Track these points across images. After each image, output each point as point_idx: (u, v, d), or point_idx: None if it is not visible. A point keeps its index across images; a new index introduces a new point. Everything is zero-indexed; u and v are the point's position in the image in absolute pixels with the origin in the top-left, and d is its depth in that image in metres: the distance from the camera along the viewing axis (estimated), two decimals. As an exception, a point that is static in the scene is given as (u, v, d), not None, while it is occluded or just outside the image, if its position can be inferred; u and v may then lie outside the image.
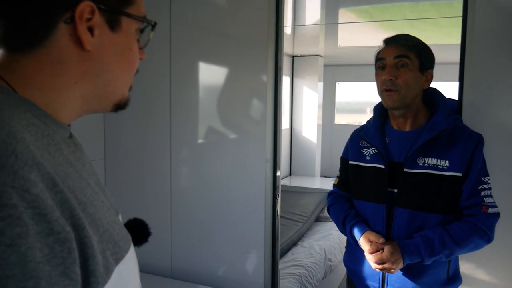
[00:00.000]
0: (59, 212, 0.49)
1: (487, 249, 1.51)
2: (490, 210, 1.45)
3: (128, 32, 0.66)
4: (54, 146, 0.57)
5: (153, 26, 0.71)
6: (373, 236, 1.51)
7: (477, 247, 1.47)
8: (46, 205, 0.47)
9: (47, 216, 0.47)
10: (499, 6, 1.74)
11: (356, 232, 1.58)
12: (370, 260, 1.49)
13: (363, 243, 1.53)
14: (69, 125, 0.66)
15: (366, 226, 1.57)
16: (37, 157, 0.50)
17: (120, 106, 0.70)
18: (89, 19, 0.60)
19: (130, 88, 0.72)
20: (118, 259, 0.60)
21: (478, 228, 1.43)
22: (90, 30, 0.61)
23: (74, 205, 0.52)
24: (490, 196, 1.46)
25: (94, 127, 2.54)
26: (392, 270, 1.46)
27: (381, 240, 1.49)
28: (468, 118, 1.75)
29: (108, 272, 0.57)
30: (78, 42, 0.60)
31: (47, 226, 0.47)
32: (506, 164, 1.74)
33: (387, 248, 1.45)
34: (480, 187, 1.45)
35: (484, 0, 1.74)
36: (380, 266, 1.46)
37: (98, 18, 0.61)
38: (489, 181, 1.47)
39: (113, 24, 0.64)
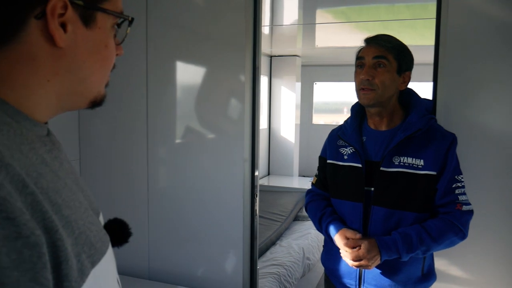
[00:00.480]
0: (29, 215, 0.48)
1: (460, 245, 1.55)
2: (464, 208, 1.49)
3: (104, 28, 0.64)
4: (27, 145, 0.55)
5: (130, 21, 0.69)
6: (349, 233, 1.53)
7: (452, 243, 1.50)
8: (14, 208, 0.45)
9: (15, 219, 0.45)
10: (472, 8, 1.78)
11: (331, 229, 1.60)
12: (346, 257, 1.50)
13: (339, 239, 1.55)
14: (46, 123, 0.64)
15: (342, 224, 1.59)
16: (6, 157, 0.49)
17: (96, 103, 0.68)
18: (61, 15, 0.58)
19: (107, 85, 0.70)
20: (94, 262, 0.58)
21: (453, 225, 1.47)
22: (63, 26, 0.59)
23: (46, 207, 0.50)
24: (464, 194, 1.50)
25: (68, 127, 2.49)
26: (369, 267, 1.47)
27: (358, 236, 1.51)
28: (442, 118, 1.79)
29: (83, 276, 0.55)
30: (50, 38, 0.58)
31: (14, 230, 0.45)
32: (478, 163, 1.78)
33: (364, 245, 1.46)
34: (454, 186, 1.49)
35: (457, 2, 1.78)
36: (356, 263, 1.47)
37: (71, 14, 0.59)
38: (462, 180, 1.51)
39: (87, 20, 0.61)
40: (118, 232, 0.78)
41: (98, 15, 0.63)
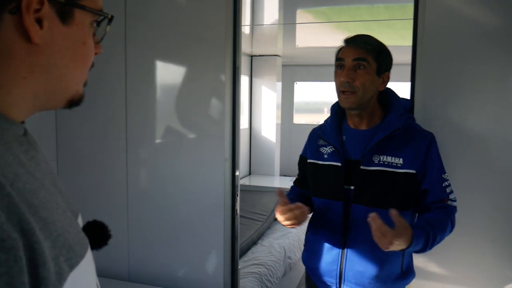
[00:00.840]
0: (5, 217, 0.46)
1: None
2: (452, 203, 1.53)
3: (82, 25, 0.63)
4: (3, 146, 0.54)
5: (110, 19, 0.67)
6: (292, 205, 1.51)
7: (447, 236, 1.52)
8: None
9: None
10: (449, 8, 1.82)
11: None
12: (281, 219, 1.49)
13: (278, 207, 1.52)
14: (23, 122, 0.62)
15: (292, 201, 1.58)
16: None
17: (74, 102, 0.66)
18: (37, 10, 0.56)
19: (85, 84, 0.68)
20: (72, 265, 0.57)
21: (449, 219, 1.50)
22: (39, 22, 0.57)
23: (23, 209, 0.49)
24: (452, 192, 1.55)
25: (45, 127, 2.44)
26: (385, 247, 1.34)
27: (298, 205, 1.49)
28: (419, 117, 1.81)
29: (61, 280, 0.54)
30: (25, 34, 0.56)
31: None
32: (456, 161, 1.82)
33: (400, 229, 1.33)
34: (443, 184, 1.53)
35: (435, 3, 1.82)
36: (378, 237, 1.32)
37: (47, 9, 0.57)
38: (448, 178, 1.55)
39: (64, 16, 0.60)
40: (97, 234, 0.77)
41: (76, 12, 0.61)
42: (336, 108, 1.69)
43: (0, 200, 0.47)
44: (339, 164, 1.57)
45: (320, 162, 1.64)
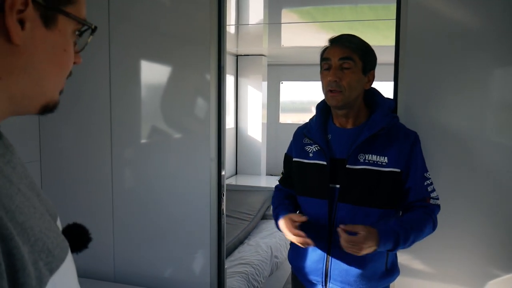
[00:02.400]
0: None
1: (422, 240, 1.60)
2: (434, 202, 1.56)
3: (64, 32, 0.62)
4: None
5: (93, 30, 0.67)
6: (296, 217, 1.55)
7: (426, 235, 1.54)
8: None
9: None
10: (431, 9, 1.84)
11: (280, 217, 1.62)
12: (291, 238, 1.53)
13: (283, 223, 1.56)
14: None
15: (289, 212, 1.61)
16: None
17: (48, 108, 0.65)
18: (20, 11, 0.55)
19: (61, 92, 0.67)
20: (52, 269, 0.56)
21: (430, 218, 1.53)
22: (21, 23, 0.56)
23: (0, 215, 0.48)
24: (434, 190, 1.57)
25: (28, 126, 2.41)
26: (358, 253, 1.42)
27: (303, 218, 1.53)
28: (402, 117, 1.84)
29: (41, 284, 0.53)
30: (6, 34, 0.55)
31: None
32: (439, 160, 1.85)
33: (364, 232, 1.40)
34: (425, 183, 1.55)
35: (417, 3, 1.84)
36: (350, 249, 1.41)
37: (31, 11, 0.56)
38: (430, 177, 1.57)
39: (47, 20, 0.59)
40: (77, 237, 0.76)
41: (60, 18, 0.61)
42: (321, 107, 1.70)
43: None
44: (324, 163, 1.58)
45: (306, 161, 1.65)
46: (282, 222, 1.59)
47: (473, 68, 1.81)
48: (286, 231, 1.56)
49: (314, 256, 1.62)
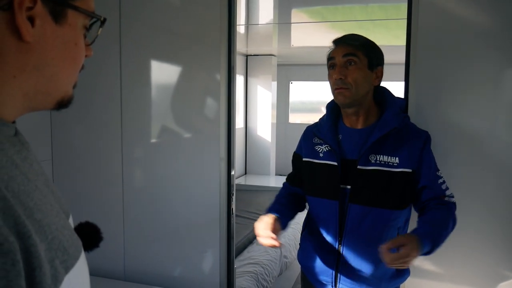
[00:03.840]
0: (2, 220, 0.46)
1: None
2: (450, 199, 1.54)
3: (74, 26, 0.62)
4: None
5: (102, 22, 0.67)
6: (275, 226, 1.49)
7: (450, 233, 1.51)
8: None
9: None
10: (442, 7, 1.83)
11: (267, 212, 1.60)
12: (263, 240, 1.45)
13: (263, 220, 1.51)
14: (13, 122, 0.61)
15: (278, 213, 1.58)
16: None
17: (63, 104, 0.65)
18: (30, 8, 0.55)
19: (75, 86, 0.67)
20: (68, 268, 0.56)
21: (451, 215, 1.51)
22: (31, 20, 0.56)
23: (18, 212, 0.48)
24: (448, 188, 1.56)
25: (40, 126, 2.43)
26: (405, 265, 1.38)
27: (276, 243, 1.45)
28: (413, 117, 1.82)
29: (57, 282, 0.53)
30: (17, 31, 0.55)
31: None
32: (450, 160, 1.83)
33: (408, 245, 1.34)
34: (439, 182, 1.53)
35: (428, 2, 1.83)
36: (400, 265, 1.36)
37: (40, 8, 0.56)
38: (442, 175, 1.56)
39: (57, 16, 0.59)
40: (89, 236, 0.76)
41: (69, 12, 0.61)
42: (332, 106, 1.68)
43: None
44: (335, 163, 1.57)
45: (316, 161, 1.64)
46: (262, 218, 1.52)
47: (485, 67, 1.80)
48: (259, 228, 1.49)
49: (324, 257, 1.61)
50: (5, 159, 0.53)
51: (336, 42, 1.57)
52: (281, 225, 1.54)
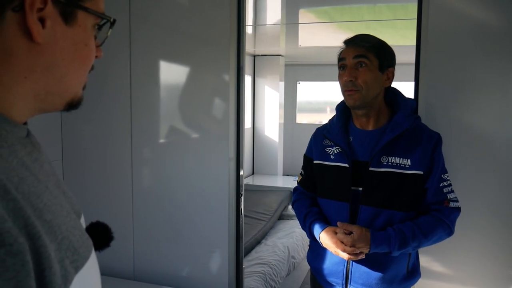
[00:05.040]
0: (12, 221, 0.46)
1: (443, 242, 1.58)
2: (453, 205, 1.53)
3: (84, 27, 0.62)
4: (7, 149, 0.53)
5: (112, 23, 0.67)
6: (339, 227, 1.55)
7: (439, 239, 1.53)
8: None
9: None
10: (453, 7, 1.81)
11: (316, 228, 1.61)
12: (339, 250, 1.51)
13: (326, 236, 1.55)
14: (25, 123, 0.62)
15: (326, 224, 1.60)
16: None
17: (72, 105, 0.66)
18: (40, 9, 0.56)
19: (84, 87, 0.68)
20: (78, 267, 0.57)
21: (442, 222, 1.50)
22: (42, 21, 0.56)
23: (28, 213, 0.49)
24: (452, 191, 1.54)
25: (50, 126, 2.45)
26: (356, 256, 1.49)
27: (348, 225, 1.53)
28: (423, 117, 1.81)
29: (67, 282, 0.54)
30: (28, 33, 0.56)
31: None
32: (460, 162, 1.82)
33: (356, 232, 1.48)
34: (441, 185, 1.52)
35: (438, 2, 1.82)
36: (349, 250, 1.48)
37: (50, 9, 0.57)
38: (448, 178, 1.54)
39: (67, 17, 0.59)
40: (100, 235, 0.77)
41: (79, 13, 0.61)
42: (342, 107, 1.67)
43: (6, 205, 0.47)
44: (346, 165, 1.56)
45: (327, 163, 1.63)
46: (325, 236, 1.56)
47: (495, 67, 1.78)
48: (332, 246, 1.53)
49: (335, 258, 1.60)
50: (15, 160, 0.54)
51: (347, 42, 1.56)
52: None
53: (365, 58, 1.50)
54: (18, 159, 0.54)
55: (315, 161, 1.69)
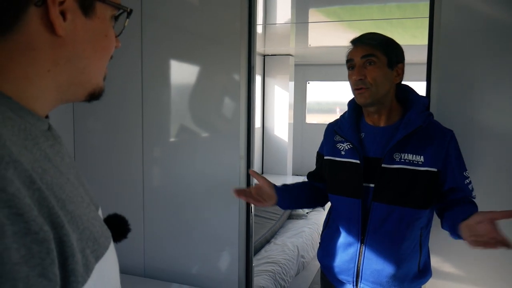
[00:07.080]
0: (37, 211, 0.47)
1: (454, 242, 1.57)
2: (474, 200, 1.53)
3: (103, 18, 0.64)
4: (31, 141, 0.55)
5: (129, 13, 0.69)
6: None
7: None
8: (23, 204, 0.46)
9: (24, 215, 0.45)
10: (465, 6, 1.80)
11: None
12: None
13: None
14: (47, 117, 0.64)
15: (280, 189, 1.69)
16: (14, 153, 0.48)
17: (94, 95, 0.68)
18: (61, 3, 0.58)
19: (104, 78, 0.70)
20: (98, 257, 0.59)
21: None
22: (62, 14, 0.58)
23: (52, 203, 0.50)
24: (473, 189, 1.55)
25: (62, 124, 2.47)
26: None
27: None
28: (435, 116, 1.80)
29: (88, 271, 0.55)
30: (50, 27, 0.57)
31: (24, 226, 0.45)
32: (473, 160, 1.80)
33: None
34: (465, 182, 1.52)
35: (450, 1, 1.81)
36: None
37: (70, 2, 0.59)
38: (468, 175, 1.54)
39: (86, 9, 0.61)
40: (117, 227, 0.79)
41: (97, 5, 0.63)
42: (353, 104, 1.67)
43: (32, 194, 0.48)
44: (357, 161, 1.56)
45: (338, 159, 1.63)
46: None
47: (509, 65, 1.77)
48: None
49: (346, 256, 1.60)
50: (39, 152, 0.55)
51: (354, 42, 1.56)
52: (275, 190, 1.67)
53: (373, 56, 1.50)
54: (42, 151, 0.56)
55: (325, 157, 1.69)
